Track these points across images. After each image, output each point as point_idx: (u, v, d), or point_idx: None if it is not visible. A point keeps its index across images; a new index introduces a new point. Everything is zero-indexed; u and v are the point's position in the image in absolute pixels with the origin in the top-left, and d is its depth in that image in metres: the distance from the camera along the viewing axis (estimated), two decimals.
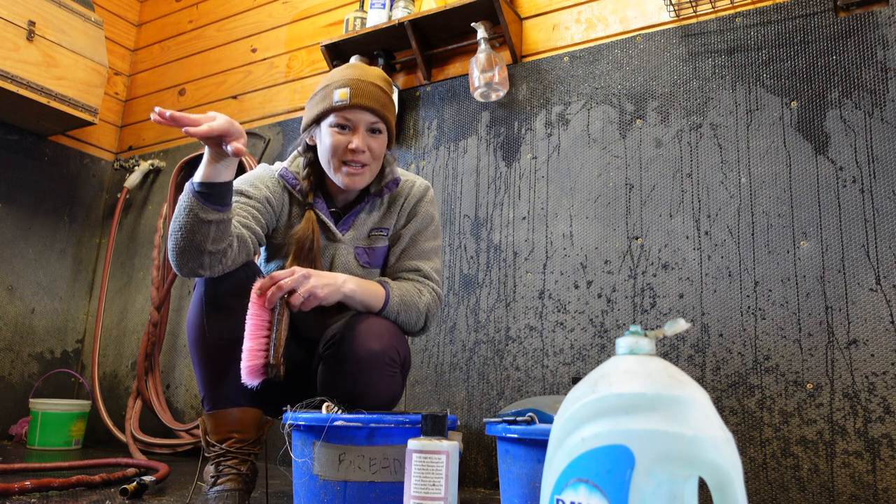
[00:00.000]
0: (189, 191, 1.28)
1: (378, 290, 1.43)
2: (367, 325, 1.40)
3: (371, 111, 1.45)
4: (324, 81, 1.51)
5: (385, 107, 1.48)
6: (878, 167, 1.64)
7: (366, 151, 1.46)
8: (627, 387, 0.69)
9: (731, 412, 1.70)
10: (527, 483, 1.19)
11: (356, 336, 1.37)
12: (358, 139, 1.45)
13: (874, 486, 1.51)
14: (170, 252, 1.31)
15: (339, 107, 1.44)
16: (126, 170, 3.28)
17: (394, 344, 1.40)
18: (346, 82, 1.46)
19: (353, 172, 1.47)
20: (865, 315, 1.59)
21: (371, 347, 1.36)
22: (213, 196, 1.27)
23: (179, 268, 1.31)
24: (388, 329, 1.42)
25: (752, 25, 1.88)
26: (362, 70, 1.50)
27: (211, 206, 1.27)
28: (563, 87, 2.16)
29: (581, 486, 0.69)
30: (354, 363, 1.36)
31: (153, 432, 2.65)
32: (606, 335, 1.91)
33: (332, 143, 1.46)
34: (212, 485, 1.36)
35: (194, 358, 1.40)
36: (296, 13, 2.95)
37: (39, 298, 3.03)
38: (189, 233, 1.27)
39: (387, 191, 1.56)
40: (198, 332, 1.38)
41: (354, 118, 1.45)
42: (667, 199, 1.90)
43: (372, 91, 1.46)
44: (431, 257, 1.57)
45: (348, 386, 1.37)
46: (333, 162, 1.47)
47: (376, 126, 1.48)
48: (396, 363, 1.41)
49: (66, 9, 2.86)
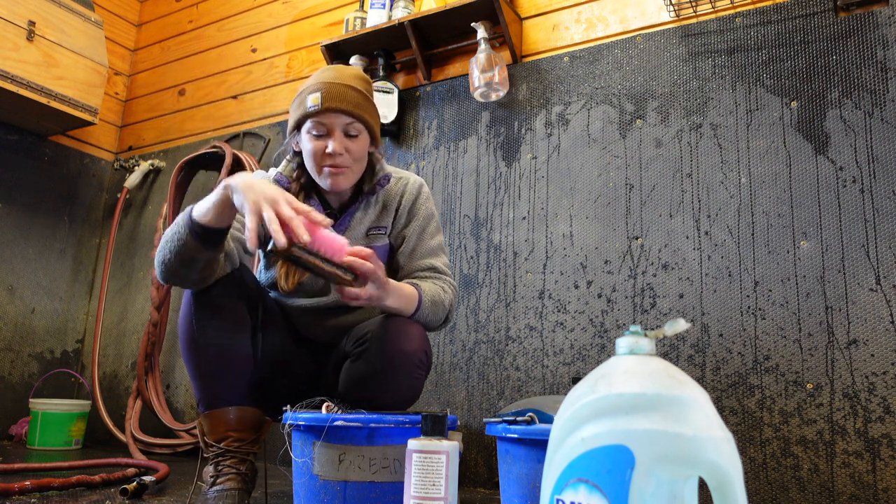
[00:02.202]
0: (186, 224, 1.29)
1: (413, 294, 1.44)
2: (402, 327, 1.41)
3: (345, 113, 1.44)
4: (301, 87, 1.51)
5: (359, 106, 1.46)
6: (878, 167, 1.64)
7: (343, 154, 1.45)
8: (627, 387, 0.69)
9: (731, 412, 1.70)
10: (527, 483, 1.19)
11: (391, 337, 1.39)
12: (334, 142, 1.44)
13: (874, 486, 1.51)
14: (157, 266, 1.36)
15: (313, 112, 1.43)
16: (126, 170, 3.28)
17: (424, 347, 1.42)
18: (318, 87, 1.45)
19: (335, 173, 1.46)
20: (865, 315, 1.59)
21: (405, 349, 1.38)
22: (212, 239, 1.30)
23: (164, 281, 1.38)
24: (420, 332, 1.44)
25: (752, 25, 1.88)
26: (336, 72, 1.49)
27: (205, 247, 1.30)
28: (563, 87, 2.16)
29: (581, 486, 0.69)
30: (388, 362, 1.38)
31: (153, 432, 2.65)
32: (606, 335, 1.91)
33: (311, 149, 1.46)
34: (211, 485, 1.36)
35: (186, 359, 1.41)
36: (296, 13, 2.95)
37: (39, 298, 3.03)
38: (179, 263, 1.32)
39: (379, 187, 1.56)
40: (188, 332, 1.39)
41: (328, 122, 1.44)
42: (667, 199, 1.90)
43: (344, 93, 1.45)
44: (440, 253, 1.58)
45: (377, 384, 1.39)
46: (315, 166, 1.47)
47: (353, 126, 1.46)
48: (424, 365, 1.43)
49: (66, 9, 2.86)
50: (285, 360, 1.57)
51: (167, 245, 1.32)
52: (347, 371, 1.46)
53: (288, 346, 1.58)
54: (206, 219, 1.29)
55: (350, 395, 1.42)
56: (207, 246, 1.31)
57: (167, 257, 1.32)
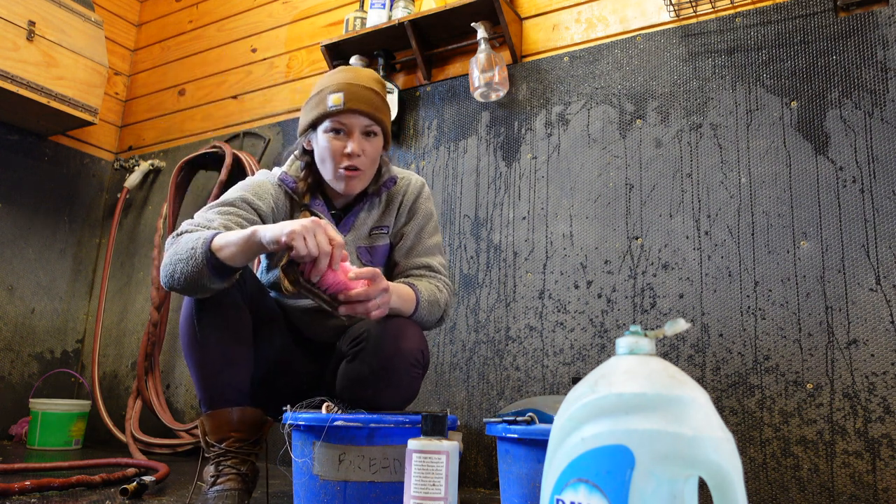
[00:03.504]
0: (205, 255, 1.25)
1: (410, 295, 1.45)
2: (398, 326, 1.41)
3: (365, 115, 1.45)
4: (317, 86, 1.51)
5: (379, 109, 1.48)
6: (878, 167, 1.64)
7: (361, 155, 1.46)
8: (627, 387, 0.69)
9: (731, 412, 1.70)
10: (527, 483, 1.19)
11: (387, 336, 1.40)
12: (353, 143, 1.45)
13: (874, 486, 1.51)
14: (162, 277, 1.33)
15: (334, 111, 1.44)
16: (126, 170, 3.28)
17: (420, 347, 1.43)
18: (340, 87, 1.46)
19: (351, 177, 1.47)
20: (865, 315, 1.59)
21: (401, 347, 1.39)
22: (227, 274, 1.30)
23: (168, 290, 1.40)
24: (417, 332, 1.44)
25: (752, 25, 1.88)
26: (355, 73, 1.50)
27: (218, 279, 1.29)
28: (563, 87, 2.16)
29: (581, 486, 0.69)
30: (385, 362, 1.38)
31: (153, 432, 2.65)
32: (606, 335, 1.91)
33: (329, 148, 1.46)
34: (211, 485, 1.36)
35: (188, 359, 1.40)
36: (296, 13, 2.95)
37: (39, 298, 3.03)
38: (188, 285, 1.30)
39: (384, 189, 1.57)
40: (190, 332, 1.38)
41: (349, 122, 1.45)
42: (667, 199, 1.90)
43: (365, 95, 1.46)
44: (437, 253, 1.59)
45: (374, 384, 1.39)
46: (331, 167, 1.48)
47: (371, 129, 1.47)
48: (421, 364, 1.43)
49: (66, 9, 2.86)
50: (286, 360, 1.57)
51: (179, 265, 1.29)
52: (344, 371, 1.46)
53: (289, 346, 1.58)
54: (226, 254, 1.26)
55: (347, 395, 1.42)
56: (223, 279, 1.30)
57: (178, 278, 1.30)
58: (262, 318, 1.50)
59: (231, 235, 1.26)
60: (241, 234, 1.25)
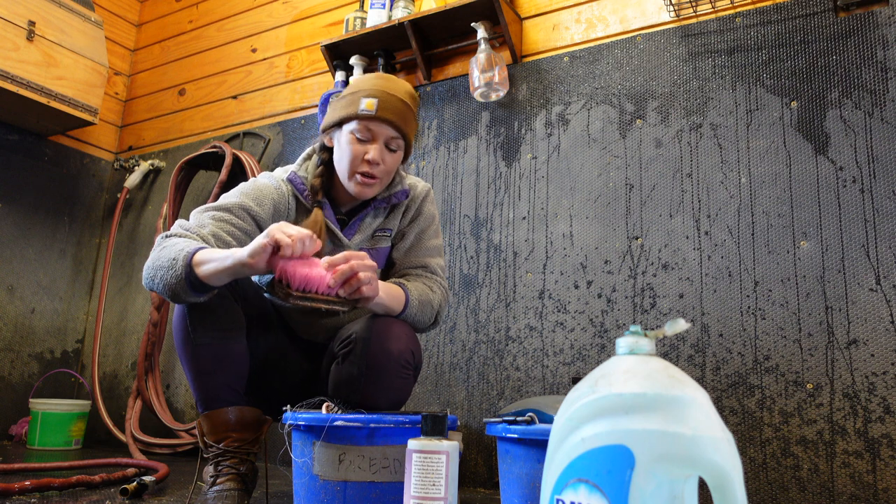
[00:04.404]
0: (184, 268, 1.24)
1: (399, 294, 1.44)
2: (386, 326, 1.41)
3: (393, 126, 1.44)
4: (351, 86, 1.50)
5: (407, 123, 1.48)
6: (878, 167, 1.64)
7: (380, 164, 1.45)
8: (627, 387, 0.69)
9: (731, 412, 1.70)
10: (527, 483, 1.19)
11: (375, 337, 1.39)
12: (374, 151, 1.44)
13: (874, 486, 1.51)
14: (144, 279, 1.34)
15: (364, 116, 1.43)
16: (126, 170, 3.28)
17: (410, 347, 1.42)
18: (375, 93, 1.45)
19: (365, 183, 1.46)
20: (865, 315, 1.59)
21: (390, 349, 1.38)
22: (204, 291, 1.29)
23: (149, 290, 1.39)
24: (406, 332, 1.43)
25: (752, 25, 1.88)
26: (393, 83, 1.49)
27: (195, 293, 1.28)
28: (563, 87, 2.16)
29: (581, 486, 0.69)
30: (373, 362, 1.37)
31: (153, 432, 2.65)
32: (606, 335, 1.91)
33: (350, 151, 1.45)
34: (211, 485, 1.36)
35: (182, 359, 1.40)
36: (296, 13, 2.95)
37: (39, 298, 3.03)
38: (167, 294, 1.30)
39: (395, 199, 1.56)
40: (183, 332, 1.38)
41: (376, 130, 1.45)
42: (667, 199, 1.90)
43: (398, 106, 1.46)
44: (436, 255, 1.59)
45: (363, 385, 1.38)
46: (348, 169, 1.46)
47: (395, 141, 1.47)
48: (411, 365, 1.42)
49: (66, 9, 2.86)
50: (281, 360, 1.57)
51: (159, 272, 1.28)
52: (334, 373, 1.45)
53: (283, 346, 1.58)
54: (206, 271, 1.24)
55: (338, 396, 1.41)
56: (199, 294, 1.29)
57: (157, 283, 1.29)
58: (256, 318, 1.49)
59: (215, 253, 1.25)
60: (224, 255, 1.24)
